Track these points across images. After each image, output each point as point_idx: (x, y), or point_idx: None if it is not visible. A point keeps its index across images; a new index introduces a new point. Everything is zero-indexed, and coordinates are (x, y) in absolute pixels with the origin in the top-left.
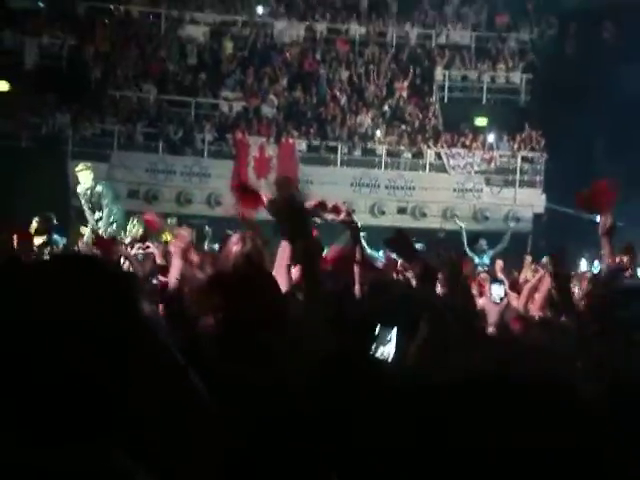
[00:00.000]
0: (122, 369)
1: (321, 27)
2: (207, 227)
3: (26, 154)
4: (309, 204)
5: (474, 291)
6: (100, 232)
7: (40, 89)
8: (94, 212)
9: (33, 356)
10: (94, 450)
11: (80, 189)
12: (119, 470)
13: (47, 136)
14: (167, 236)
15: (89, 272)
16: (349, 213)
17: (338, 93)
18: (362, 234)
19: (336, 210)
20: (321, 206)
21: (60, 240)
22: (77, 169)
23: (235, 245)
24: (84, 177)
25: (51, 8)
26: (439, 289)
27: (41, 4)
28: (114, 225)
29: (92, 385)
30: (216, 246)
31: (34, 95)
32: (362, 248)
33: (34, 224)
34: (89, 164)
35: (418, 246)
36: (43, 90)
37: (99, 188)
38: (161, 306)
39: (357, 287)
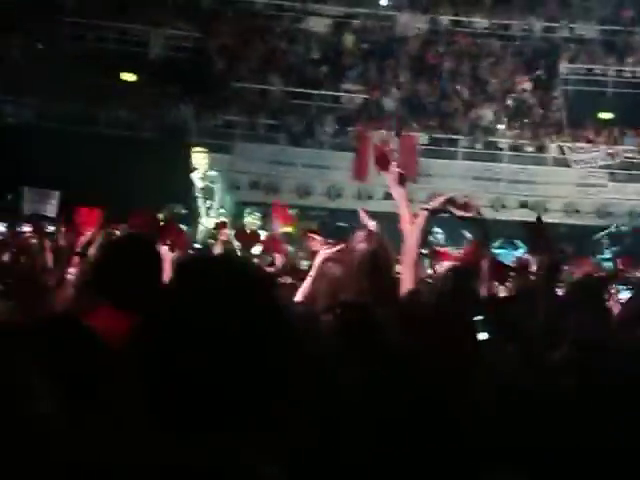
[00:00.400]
0: (273, 367)
1: (444, 20)
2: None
3: (150, 145)
4: (439, 200)
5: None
6: (210, 221)
7: (164, 80)
8: (205, 200)
9: (199, 354)
10: (228, 447)
11: (195, 175)
12: (247, 469)
13: (170, 127)
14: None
15: (243, 275)
16: (479, 210)
17: (460, 86)
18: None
19: (466, 207)
20: (451, 202)
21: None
22: (194, 149)
23: (361, 242)
24: (199, 159)
25: (176, 0)
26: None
27: None
28: (223, 215)
29: (247, 382)
30: None
31: (158, 86)
32: (489, 246)
33: (161, 216)
34: (206, 150)
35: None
36: (167, 81)
37: (212, 173)
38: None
39: (486, 285)
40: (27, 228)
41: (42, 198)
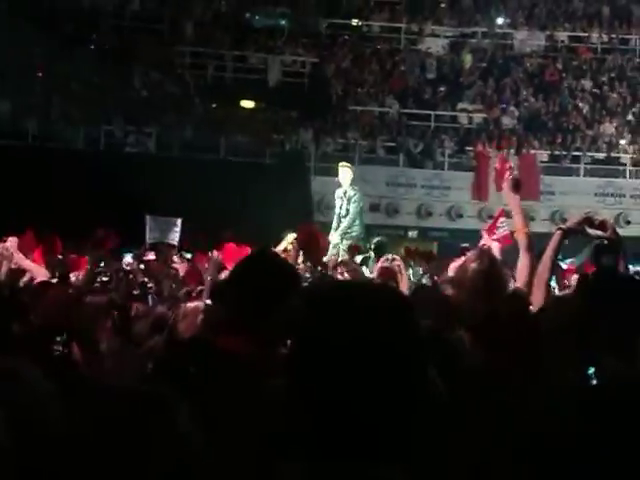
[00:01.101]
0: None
1: (562, 36)
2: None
3: (270, 170)
4: (574, 220)
5: None
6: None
7: (283, 106)
8: (340, 219)
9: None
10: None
11: (338, 192)
12: None
13: (290, 152)
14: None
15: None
16: (615, 230)
17: (580, 102)
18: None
19: (603, 226)
20: (587, 222)
21: None
22: (340, 164)
23: (472, 262)
24: (343, 174)
25: (293, 26)
26: None
27: (283, 22)
28: (351, 238)
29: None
30: None
31: (277, 112)
32: (626, 265)
33: (285, 243)
34: (350, 165)
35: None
36: (286, 107)
37: (352, 192)
38: None
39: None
40: (152, 256)
41: (165, 226)
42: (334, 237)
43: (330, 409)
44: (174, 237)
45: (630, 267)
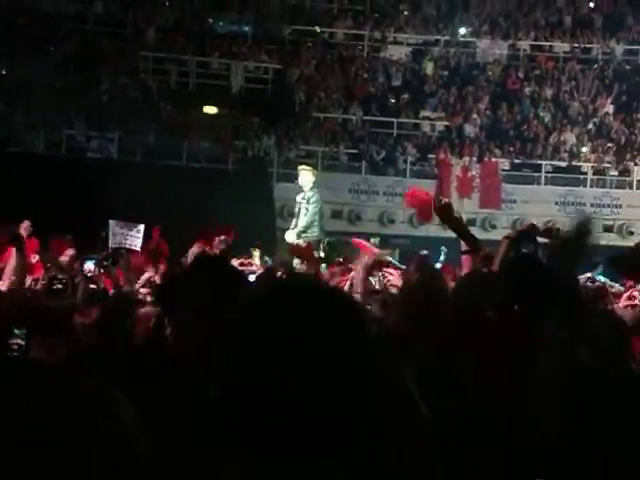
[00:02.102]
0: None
1: (524, 45)
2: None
3: (233, 177)
4: (521, 226)
5: None
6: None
7: (246, 112)
8: (298, 218)
9: (284, 378)
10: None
11: (298, 197)
12: None
13: (253, 159)
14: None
15: (330, 302)
16: (560, 234)
17: (542, 111)
18: None
19: (548, 233)
20: (532, 228)
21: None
22: (300, 167)
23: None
24: (304, 177)
25: (256, 32)
26: None
27: (247, 28)
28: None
29: (335, 408)
30: None
31: (240, 118)
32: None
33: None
34: (310, 168)
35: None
36: (249, 113)
37: (310, 194)
38: None
39: None
40: None
41: (127, 231)
42: (290, 235)
43: (265, 409)
44: (136, 243)
45: (589, 275)
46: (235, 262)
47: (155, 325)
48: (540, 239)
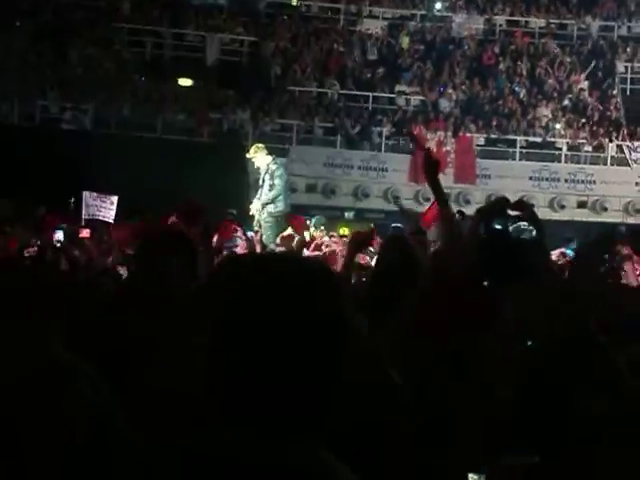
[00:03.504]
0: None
1: (500, 20)
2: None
3: (207, 149)
4: (492, 200)
5: None
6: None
7: (221, 85)
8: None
9: (256, 354)
10: (305, 447)
11: (262, 169)
12: (327, 468)
13: (228, 131)
14: (344, 230)
15: (300, 271)
16: (530, 209)
17: (517, 86)
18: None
19: (519, 206)
20: (504, 202)
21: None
22: (250, 155)
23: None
24: (260, 161)
25: (232, 4)
26: None
27: (223, 1)
28: (277, 213)
29: (312, 383)
30: None
31: (215, 91)
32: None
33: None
34: (260, 145)
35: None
36: (224, 86)
37: (274, 166)
38: None
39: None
40: (86, 233)
41: (101, 203)
42: (255, 205)
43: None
44: (109, 215)
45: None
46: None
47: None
48: (511, 212)
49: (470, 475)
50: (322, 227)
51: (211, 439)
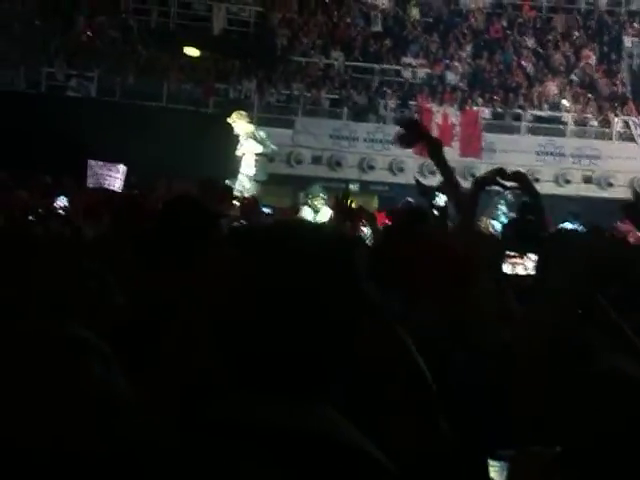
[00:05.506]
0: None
1: None
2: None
3: (213, 119)
4: (489, 171)
5: None
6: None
7: (227, 55)
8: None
9: (273, 321)
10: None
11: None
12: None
13: (233, 102)
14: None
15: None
16: (528, 181)
17: (524, 60)
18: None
19: (516, 177)
20: (500, 173)
21: None
22: (230, 120)
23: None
24: (240, 127)
25: None
26: None
27: None
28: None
29: (327, 351)
30: None
31: (221, 61)
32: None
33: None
34: (243, 112)
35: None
36: (230, 56)
37: (262, 133)
38: None
39: None
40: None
41: (106, 172)
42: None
43: (261, 344)
44: (115, 183)
45: (567, 224)
46: None
47: None
48: (508, 183)
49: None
50: (320, 196)
51: (236, 406)
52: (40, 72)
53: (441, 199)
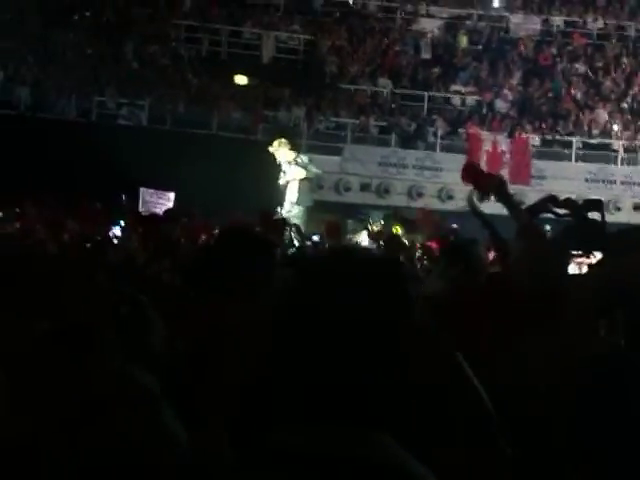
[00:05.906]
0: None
1: (558, 20)
2: None
3: (262, 147)
4: (540, 199)
5: None
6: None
7: (276, 83)
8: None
9: (330, 341)
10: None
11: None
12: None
13: (282, 129)
14: (397, 230)
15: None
16: (578, 205)
17: (574, 87)
18: None
19: (568, 204)
20: (552, 200)
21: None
22: (272, 148)
23: None
24: (281, 155)
25: (289, 2)
26: None
27: None
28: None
29: (377, 370)
30: None
31: (270, 88)
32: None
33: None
34: (284, 140)
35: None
36: (279, 84)
37: (305, 158)
38: None
39: None
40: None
41: (158, 199)
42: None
43: (317, 375)
44: None
45: None
46: None
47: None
48: (560, 211)
49: None
50: (380, 222)
51: (297, 436)
52: (91, 100)
53: None
